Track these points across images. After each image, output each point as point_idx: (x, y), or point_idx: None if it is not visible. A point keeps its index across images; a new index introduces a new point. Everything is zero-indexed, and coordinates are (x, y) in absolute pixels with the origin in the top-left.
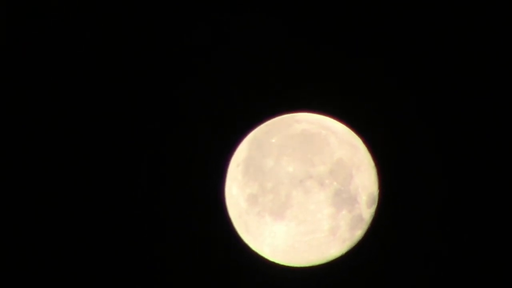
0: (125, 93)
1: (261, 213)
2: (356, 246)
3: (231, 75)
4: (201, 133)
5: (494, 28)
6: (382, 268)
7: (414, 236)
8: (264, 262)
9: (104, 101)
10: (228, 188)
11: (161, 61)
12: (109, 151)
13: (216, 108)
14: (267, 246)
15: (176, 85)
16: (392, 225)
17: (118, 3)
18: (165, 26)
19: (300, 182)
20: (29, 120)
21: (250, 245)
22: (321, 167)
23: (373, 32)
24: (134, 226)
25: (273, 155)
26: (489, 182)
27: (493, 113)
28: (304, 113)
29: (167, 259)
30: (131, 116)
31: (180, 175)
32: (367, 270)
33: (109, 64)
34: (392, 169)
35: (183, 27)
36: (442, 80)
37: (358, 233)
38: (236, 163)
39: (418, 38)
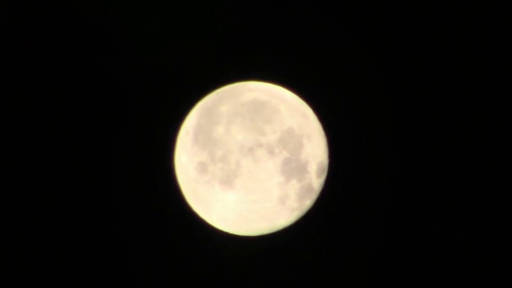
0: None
1: (210, 182)
2: (305, 215)
3: (182, 43)
4: (151, 101)
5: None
6: (330, 238)
7: (363, 206)
8: (213, 231)
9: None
10: (177, 156)
11: (108, 28)
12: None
13: (166, 77)
14: (216, 215)
15: (125, 53)
16: (341, 195)
17: None
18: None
19: (250, 151)
20: None
21: (199, 214)
22: (271, 136)
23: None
24: (82, 195)
25: (222, 123)
26: (441, 150)
27: (448, 83)
28: (255, 82)
29: (116, 228)
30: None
31: (129, 142)
32: (316, 239)
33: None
34: (342, 139)
35: None
36: (395, 47)
37: (307, 203)
38: (186, 131)
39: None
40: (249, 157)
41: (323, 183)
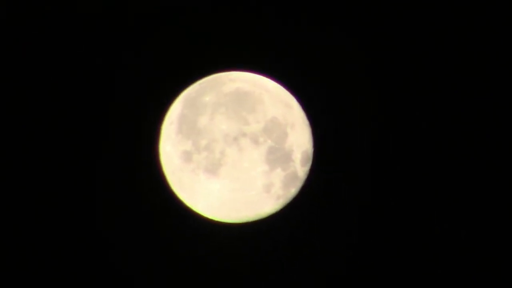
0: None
1: (195, 171)
2: (290, 203)
3: (165, 34)
4: (136, 92)
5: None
6: (315, 226)
7: (348, 195)
8: (199, 218)
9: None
10: (162, 146)
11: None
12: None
13: (150, 68)
14: (201, 203)
15: (110, 46)
16: (326, 183)
17: None
18: None
19: (234, 140)
20: None
21: (184, 202)
22: (255, 125)
23: None
24: (68, 186)
25: (207, 113)
26: (425, 141)
27: (428, 78)
28: (239, 72)
29: (103, 216)
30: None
31: (114, 133)
32: (301, 227)
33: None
34: (326, 127)
35: None
36: (378, 39)
37: (292, 191)
38: (170, 120)
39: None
40: (234, 146)
41: (308, 171)
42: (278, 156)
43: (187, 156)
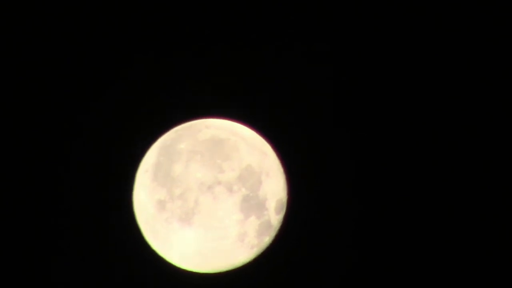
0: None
1: (169, 219)
2: (264, 252)
3: (140, 81)
4: (110, 139)
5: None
6: (290, 275)
7: (322, 243)
8: (173, 268)
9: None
10: (136, 194)
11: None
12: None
13: (125, 114)
14: (175, 252)
15: (86, 90)
16: (300, 231)
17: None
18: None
19: (209, 188)
20: None
21: (158, 251)
22: (230, 173)
23: (281, 33)
24: (39, 232)
25: (181, 161)
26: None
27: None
28: (214, 119)
29: (73, 266)
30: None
31: (88, 180)
32: (275, 276)
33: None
34: (301, 176)
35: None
36: (353, 81)
37: (266, 240)
38: (145, 168)
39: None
40: (208, 195)
41: (282, 219)
42: (252, 205)
43: (161, 205)
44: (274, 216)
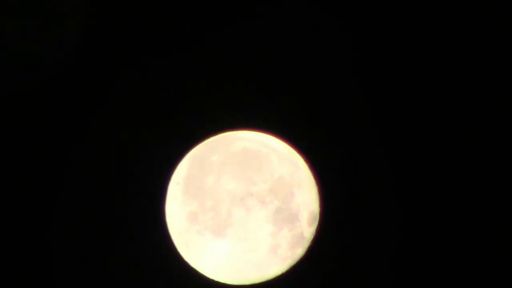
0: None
1: (201, 231)
2: (297, 264)
3: (172, 92)
4: (142, 152)
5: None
6: (323, 287)
7: (356, 255)
8: (205, 280)
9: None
10: (168, 206)
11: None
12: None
13: (156, 126)
14: (207, 264)
15: (114, 102)
16: (333, 243)
17: None
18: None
19: (241, 200)
20: None
21: (190, 263)
22: (261, 185)
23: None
24: (74, 247)
25: (213, 173)
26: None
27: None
28: (246, 131)
29: (107, 279)
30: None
31: (119, 193)
32: None
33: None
34: (333, 187)
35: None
36: (386, 95)
37: (299, 251)
38: (176, 181)
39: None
40: (240, 207)
41: (315, 231)
42: (284, 216)
43: (193, 217)
44: (307, 228)
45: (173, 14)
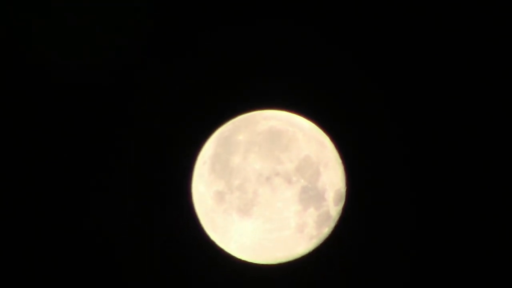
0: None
1: (228, 211)
2: (324, 243)
3: (199, 72)
4: (169, 131)
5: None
6: (349, 266)
7: (382, 234)
8: (231, 259)
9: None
10: (195, 186)
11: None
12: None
13: (183, 106)
14: (234, 243)
15: (144, 81)
16: (359, 222)
17: None
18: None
19: (267, 180)
20: None
21: (217, 242)
22: (288, 164)
23: (339, 26)
24: (100, 224)
25: (239, 152)
26: (457, 175)
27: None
28: (272, 111)
29: (133, 256)
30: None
31: (147, 171)
32: (335, 267)
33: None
34: (359, 166)
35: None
36: (411, 76)
37: (325, 231)
38: (203, 160)
39: (387, 34)
40: (267, 186)
41: (341, 210)
42: (311, 196)
43: (219, 197)
44: (333, 207)
45: None
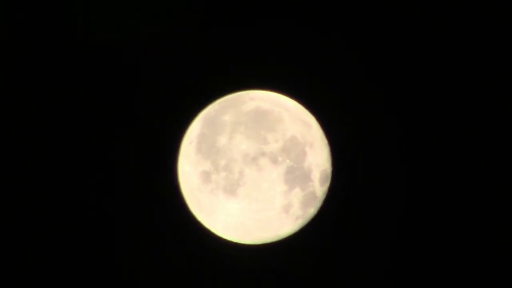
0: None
1: (214, 191)
2: (309, 223)
3: (184, 53)
4: (155, 110)
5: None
6: (334, 246)
7: (367, 214)
8: (217, 239)
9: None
10: (181, 166)
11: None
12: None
13: (169, 86)
14: (220, 223)
15: (129, 63)
16: (345, 202)
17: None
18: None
19: (253, 160)
20: None
21: (202, 222)
22: (274, 145)
23: (326, 5)
24: (87, 205)
25: (226, 133)
26: (449, 155)
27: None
28: (258, 91)
29: (119, 236)
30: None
31: (132, 152)
32: (320, 247)
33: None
34: (345, 146)
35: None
36: (398, 56)
37: (311, 211)
38: (189, 140)
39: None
40: (253, 166)
41: (327, 191)
42: (297, 176)
43: (206, 176)
44: (319, 187)
45: None
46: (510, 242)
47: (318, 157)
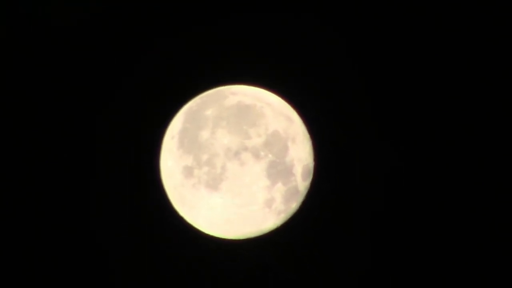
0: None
1: (196, 186)
2: (291, 218)
3: (167, 47)
4: (137, 106)
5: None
6: (317, 241)
7: (349, 209)
8: (200, 235)
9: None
10: (163, 161)
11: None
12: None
13: (151, 81)
14: (202, 219)
15: (111, 58)
16: (327, 197)
17: None
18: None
19: (235, 154)
20: None
21: (185, 218)
22: (256, 139)
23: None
24: (70, 201)
25: (208, 127)
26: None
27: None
28: (240, 86)
29: (102, 232)
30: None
31: (114, 148)
32: (302, 242)
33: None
34: (327, 141)
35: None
36: (383, 50)
37: (293, 206)
38: (171, 135)
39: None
40: (235, 161)
41: (309, 185)
42: (279, 170)
43: (188, 171)
44: (301, 182)
45: None
46: (501, 238)
47: (300, 151)
